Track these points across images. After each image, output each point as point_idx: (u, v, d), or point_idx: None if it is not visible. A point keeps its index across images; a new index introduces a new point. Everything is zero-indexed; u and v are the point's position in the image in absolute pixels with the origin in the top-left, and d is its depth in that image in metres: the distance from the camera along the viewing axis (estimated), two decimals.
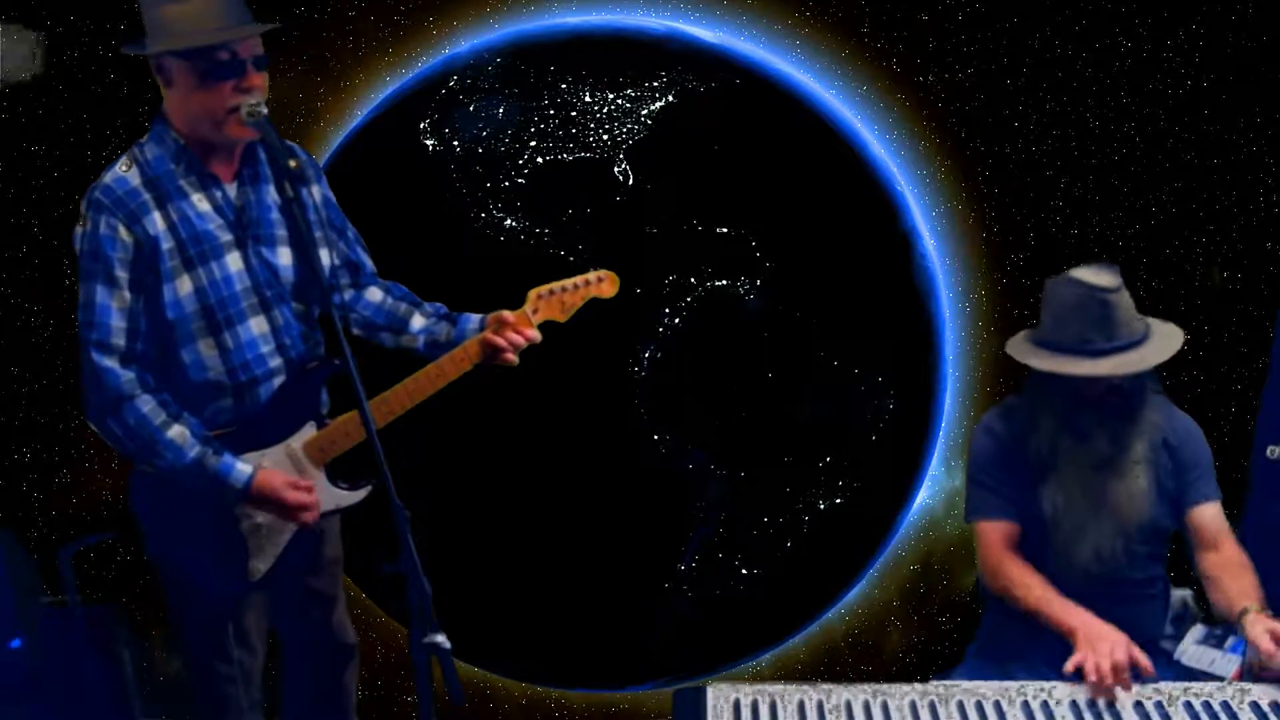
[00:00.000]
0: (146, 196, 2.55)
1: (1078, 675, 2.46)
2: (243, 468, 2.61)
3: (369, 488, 2.80)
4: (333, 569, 2.99)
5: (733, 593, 4.71)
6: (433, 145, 4.30)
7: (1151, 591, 3.01)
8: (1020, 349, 2.86)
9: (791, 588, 4.82)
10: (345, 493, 2.78)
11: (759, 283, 4.49)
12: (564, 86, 4.38)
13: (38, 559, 3.97)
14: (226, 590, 2.72)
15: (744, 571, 4.70)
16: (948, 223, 4.70)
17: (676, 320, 4.40)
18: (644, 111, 4.39)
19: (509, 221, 4.17)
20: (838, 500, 4.76)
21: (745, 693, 2.36)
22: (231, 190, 2.65)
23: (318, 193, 2.80)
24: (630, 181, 4.33)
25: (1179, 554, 3.02)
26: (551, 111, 4.34)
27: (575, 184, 4.36)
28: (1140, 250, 4.53)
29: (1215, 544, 2.84)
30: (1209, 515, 2.87)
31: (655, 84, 4.46)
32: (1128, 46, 4.44)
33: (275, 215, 2.70)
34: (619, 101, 4.38)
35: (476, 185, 4.24)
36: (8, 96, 4.06)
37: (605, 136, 4.34)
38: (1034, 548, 2.85)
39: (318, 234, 2.75)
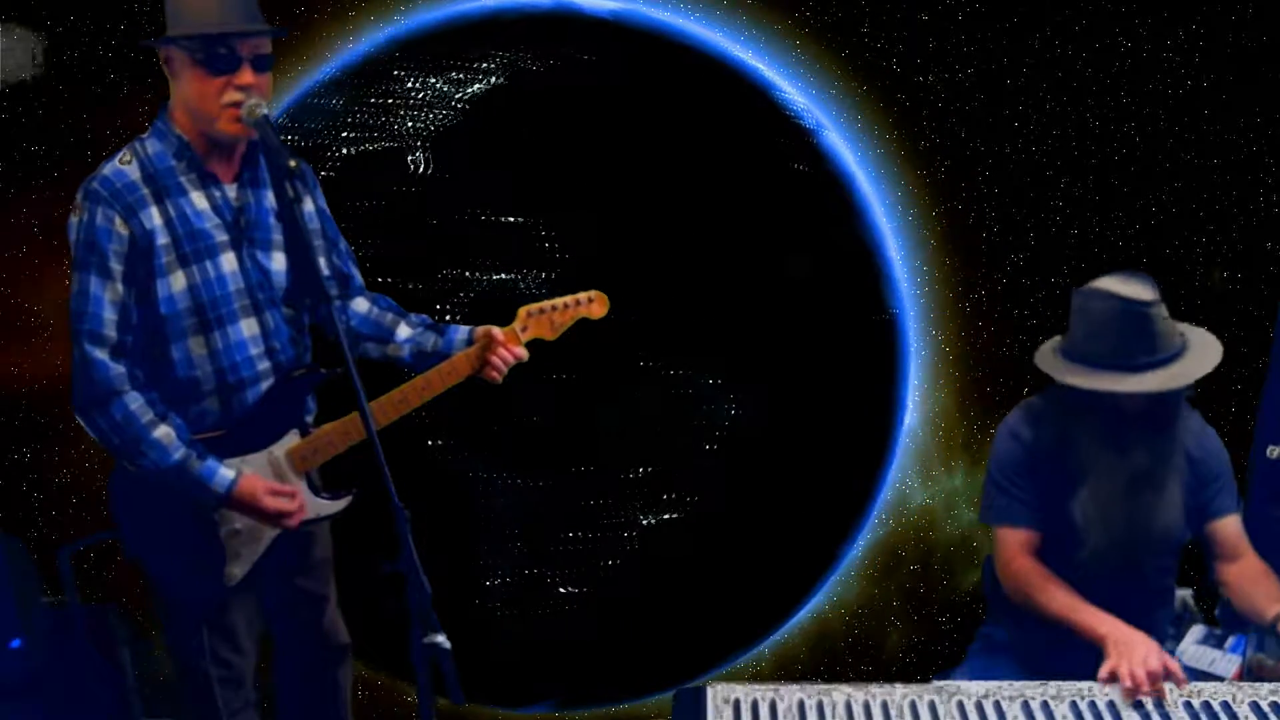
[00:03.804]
0: (145, 190, 2.56)
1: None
2: (225, 473, 2.61)
3: (350, 498, 2.80)
4: (323, 569, 2.99)
5: (557, 612, 4.42)
6: None
7: (1166, 598, 3.01)
8: (1053, 364, 2.78)
9: (627, 610, 4.49)
10: (326, 502, 2.78)
11: (551, 276, 4.19)
12: (398, 73, 4.19)
13: (38, 559, 3.96)
14: (204, 594, 2.72)
15: (562, 590, 4.41)
16: (949, 223, 4.70)
17: (450, 317, 4.06)
18: (460, 96, 4.18)
19: None
20: (669, 516, 4.46)
21: (745, 693, 2.36)
22: (231, 191, 2.66)
23: (313, 202, 2.82)
24: (423, 171, 4.13)
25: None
26: (373, 100, 4.16)
27: (371, 176, 4.14)
28: (1140, 250, 4.53)
29: (1236, 555, 2.84)
30: (1231, 527, 2.86)
31: (487, 65, 4.22)
32: (1128, 46, 4.44)
33: (272, 220, 2.71)
34: (440, 86, 4.18)
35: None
36: (8, 96, 4.06)
37: (411, 125, 4.15)
38: (1059, 554, 2.82)
39: (316, 243, 2.77)
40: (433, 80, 4.20)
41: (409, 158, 4.13)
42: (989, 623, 3.11)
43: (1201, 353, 2.73)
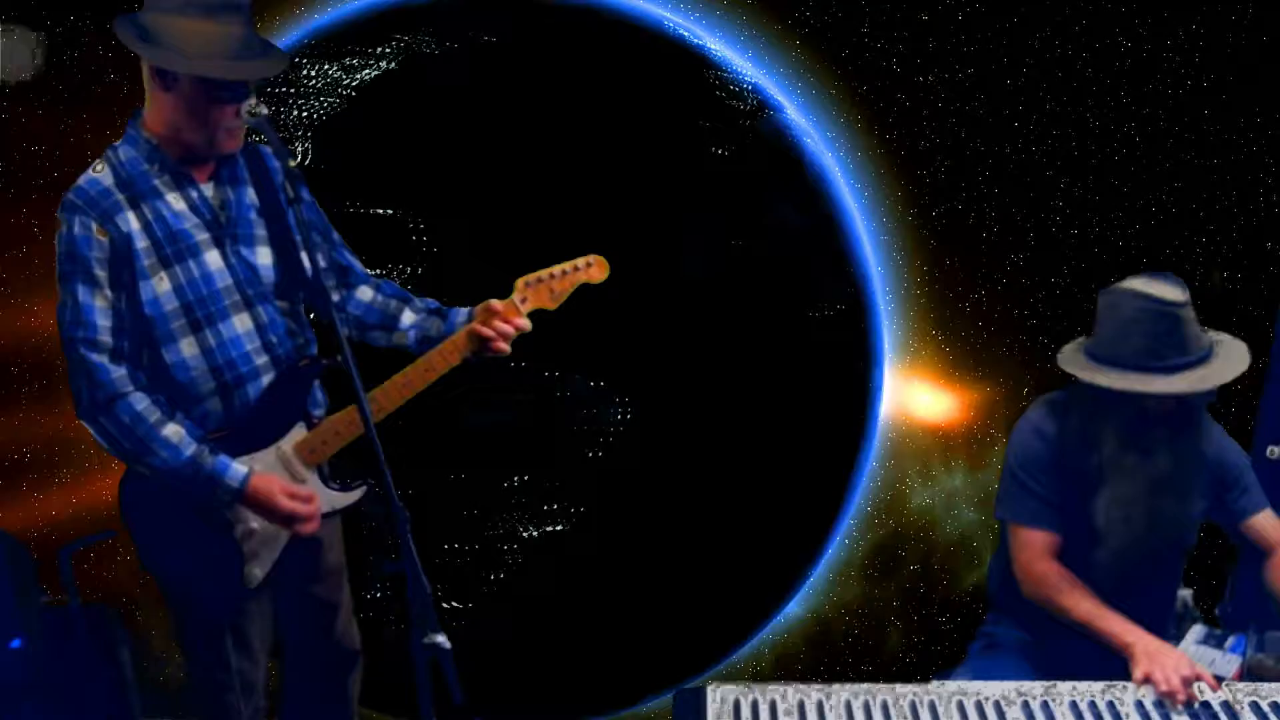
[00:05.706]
0: (119, 196, 2.57)
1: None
2: (239, 467, 2.60)
3: (363, 489, 2.79)
4: (335, 576, 2.97)
5: (449, 629, 4.25)
6: None
7: (1172, 597, 3.01)
8: (1079, 365, 2.75)
9: (521, 627, 4.27)
10: (338, 494, 2.77)
11: (417, 271, 4.05)
12: (299, 60, 4.10)
13: (38, 559, 3.96)
14: (224, 598, 2.71)
15: (445, 605, 4.21)
16: (949, 223, 4.70)
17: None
18: (349, 83, 4.09)
19: None
20: (553, 528, 4.27)
21: (745, 693, 2.36)
22: (208, 189, 2.66)
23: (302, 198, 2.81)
24: (303, 163, 4.02)
25: None
26: (270, 90, 4.08)
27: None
28: (1140, 250, 4.53)
29: (1272, 548, 2.83)
30: (1263, 522, 2.85)
31: (383, 50, 4.11)
32: (1128, 46, 4.44)
33: (254, 215, 2.71)
34: (334, 73, 4.08)
35: None
36: (8, 96, 4.06)
37: (302, 114, 4.08)
38: (1078, 554, 2.80)
39: (314, 239, 2.77)
40: (328, 67, 4.11)
41: (297, 148, 4.05)
42: (990, 622, 3.10)
43: (1230, 356, 2.72)
